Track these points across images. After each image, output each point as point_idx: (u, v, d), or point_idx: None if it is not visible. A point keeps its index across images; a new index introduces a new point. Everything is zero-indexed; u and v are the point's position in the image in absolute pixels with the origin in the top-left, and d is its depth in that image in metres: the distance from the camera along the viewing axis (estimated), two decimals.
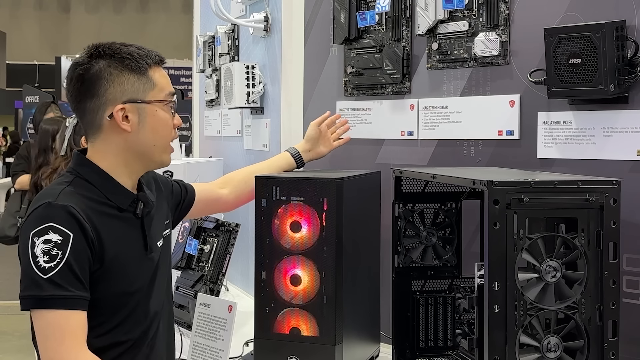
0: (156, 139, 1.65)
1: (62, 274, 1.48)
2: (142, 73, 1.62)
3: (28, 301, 1.50)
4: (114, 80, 1.59)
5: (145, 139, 1.64)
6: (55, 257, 1.47)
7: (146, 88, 1.62)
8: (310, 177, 2.20)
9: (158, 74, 1.66)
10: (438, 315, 2.25)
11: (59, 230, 1.49)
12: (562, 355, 1.68)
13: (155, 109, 1.63)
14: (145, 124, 1.63)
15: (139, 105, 1.61)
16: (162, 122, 1.65)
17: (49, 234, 1.49)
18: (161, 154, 1.68)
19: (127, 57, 1.61)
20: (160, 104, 1.64)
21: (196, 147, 4.56)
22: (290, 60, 3.01)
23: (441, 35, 2.49)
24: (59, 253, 1.48)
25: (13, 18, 19.69)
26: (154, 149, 1.66)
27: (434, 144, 2.55)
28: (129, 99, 1.60)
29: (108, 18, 19.59)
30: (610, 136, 2.09)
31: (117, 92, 1.59)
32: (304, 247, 2.14)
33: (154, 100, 1.63)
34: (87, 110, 1.62)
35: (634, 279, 2.04)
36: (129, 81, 1.60)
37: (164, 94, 1.65)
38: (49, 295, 1.47)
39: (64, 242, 1.48)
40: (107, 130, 1.62)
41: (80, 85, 1.61)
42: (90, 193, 1.59)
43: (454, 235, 2.27)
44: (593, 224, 1.69)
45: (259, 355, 2.20)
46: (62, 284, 1.47)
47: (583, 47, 2.02)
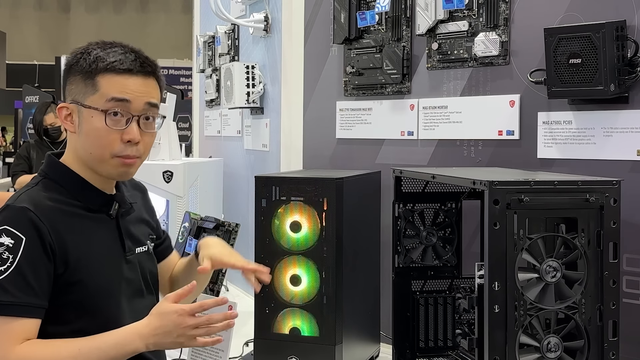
0: (92, 147, 1.55)
1: (10, 278, 1.42)
2: (88, 76, 1.54)
3: None
4: (68, 77, 1.57)
5: (83, 144, 1.56)
6: (5, 261, 1.42)
7: (87, 91, 1.54)
8: (310, 177, 2.20)
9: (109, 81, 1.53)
10: (438, 315, 2.25)
11: (11, 233, 1.44)
12: (562, 355, 1.68)
13: (91, 115, 1.53)
14: (82, 128, 1.55)
15: (78, 108, 1.55)
16: (95, 131, 1.53)
17: (2, 237, 1.44)
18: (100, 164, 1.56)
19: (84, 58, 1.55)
20: (95, 111, 1.52)
21: (196, 147, 4.56)
22: (290, 60, 3.01)
23: (441, 35, 2.49)
24: (10, 257, 1.43)
25: (13, 18, 19.68)
26: (91, 157, 1.55)
27: (434, 144, 2.55)
28: (72, 99, 1.56)
29: (108, 18, 19.57)
30: (610, 136, 2.09)
31: (67, 91, 1.58)
32: (304, 247, 2.14)
33: (90, 106, 1.53)
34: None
35: (634, 279, 2.04)
36: (75, 81, 1.56)
37: (102, 101, 1.52)
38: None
39: (15, 246, 1.43)
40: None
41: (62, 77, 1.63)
42: (57, 194, 1.54)
43: (454, 235, 2.27)
44: (593, 224, 1.69)
45: (259, 355, 2.20)
46: (10, 290, 1.42)
47: (583, 47, 2.02)
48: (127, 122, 1.54)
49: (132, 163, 1.57)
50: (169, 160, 3.25)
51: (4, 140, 17.54)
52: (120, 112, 1.53)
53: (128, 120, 1.54)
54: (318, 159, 2.92)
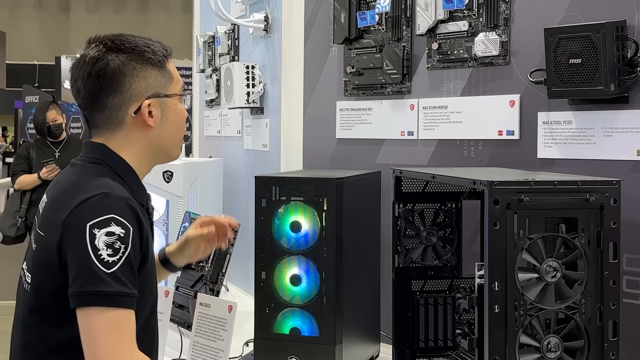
0: (175, 133, 1.63)
1: (124, 269, 1.39)
2: (162, 66, 1.59)
3: (89, 297, 1.37)
4: (137, 74, 1.54)
5: (167, 133, 1.60)
6: (118, 251, 1.38)
7: (167, 81, 1.59)
8: (310, 177, 2.20)
9: (172, 67, 1.63)
10: (438, 316, 2.25)
11: (121, 223, 1.40)
12: (562, 356, 1.68)
13: (175, 103, 1.61)
14: (167, 118, 1.59)
15: (161, 100, 1.58)
16: (181, 115, 1.63)
17: (111, 225, 1.39)
18: (177, 147, 1.66)
19: (147, 50, 1.56)
20: (178, 98, 1.62)
21: (196, 147, 4.56)
22: (290, 60, 3.01)
23: (441, 35, 2.49)
24: (122, 247, 1.39)
25: (13, 18, 19.68)
26: (173, 144, 1.63)
27: (434, 144, 2.55)
28: (152, 93, 1.56)
29: (108, 18, 19.58)
30: (610, 136, 2.09)
31: (142, 87, 1.55)
32: (304, 247, 2.14)
33: (174, 94, 1.61)
34: (107, 107, 1.54)
35: (634, 279, 2.04)
36: (152, 75, 1.56)
37: (179, 87, 1.63)
38: (114, 292, 1.37)
39: (126, 236, 1.40)
40: (129, 126, 1.56)
41: (100, 82, 1.53)
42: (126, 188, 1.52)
43: (454, 235, 2.27)
44: (593, 224, 1.69)
45: (259, 355, 2.20)
46: (125, 281, 1.39)
47: (583, 47, 2.02)
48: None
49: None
50: None
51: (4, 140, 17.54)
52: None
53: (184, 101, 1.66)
54: (318, 159, 2.92)
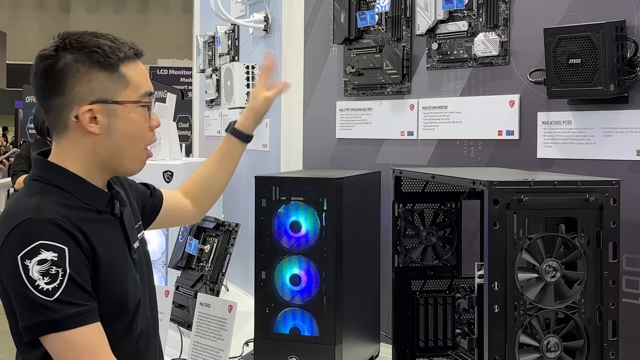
0: (127, 144, 1.48)
1: (68, 291, 1.34)
2: (113, 69, 1.44)
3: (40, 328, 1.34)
4: (81, 77, 1.43)
5: (115, 143, 1.47)
6: (56, 276, 1.33)
7: (118, 87, 1.45)
8: (310, 177, 2.20)
9: (133, 71, 1.47)
10: (438, 315, 2.25)
11: (51, 246, 1.34)
12: (562, 355, 1.68)
13: (128, 111, 1.46)
14: (116, 127, 1.45)
15: (109, 106, 1.44)
16: (135, 126, 1.47)
17: (41, 253, 1.33)
18: (131, 161, 1.51)
19: (96, 52, 1.43)
20: (134, 105, 1.46)
21: (196, 147, 4.56)
22: (290, 60, 3.01)
23: (441, 35, 2.49)
24: (59, 270, 1.34)
25: (13, 18, 19.68)
26: (122, 155, 1.49)
27: (434, 144, 2.55)
28: (97, 98, 1.43)
29: (108, 18, 19.57)
30: (610, 136, 2.09)
31: (85, 91, 1.43)
32: (304, 247, 2.15)
33: (127, 101, 1.46)
34: (53, 108, 1.46)
35: (633, 279, 2.04)
36: (97, 79, 1.43)
37: (138, 94, 1.47)
38: (64, 316, 1.33)
39: (60, 258, 1.34)
40: (73, 130, 1.46)
41: (45, 81, 1.44)
42: (66, 200, 1.44)
43: (454, 235, 2.27)
44: (593, 224, 1.69)
45: (259, 355, 2.20)
46: (73, 301, 1.34)
47: (583, 47, 2.02)
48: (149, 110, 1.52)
49: (151, 155, 1.57)
50: (169, 160, 3.25)
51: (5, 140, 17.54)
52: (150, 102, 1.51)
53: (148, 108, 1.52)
54: (318, 159, 2.92)
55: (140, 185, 1.80)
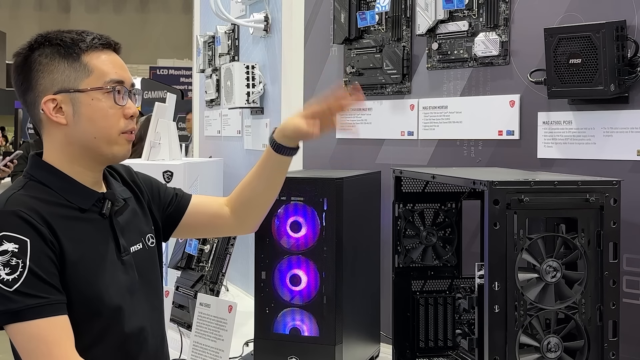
0: (96, 131, 1.49)
1: (29, 282, 1.36)
2: (73, 59, 1.47)
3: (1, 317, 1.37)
4: (43, 69, 1.46)
5: (84, 131, 1.48)
6: (17, 267, 1.36)
7: (79, 75, 1.47)
8: (310, 177, 2.20)
9: (97, 60, 1.49)
10: (438, 315, 2.25)
11: (13, 238, 1.37)
12: (562, 356, 1.68)
13: (91, 98, 1.47)
14: (81, 115, 1.47)
15: (71, 95, 1.46)
16: (101, 112, 1.48)
17: (3, 244, 1.36)
18: (108, 146, 1.51)
19: (58, 44, 1.47)
20: (98, 92, 1.47)
21: (196, 147, 4.56)
22: (290, 60, 3.01)
23: (441, 35, 2.49)
24: (19, 262, 1.36)
25: (13, 18, 19.69)
26: (96, 142, 1.49)
27: (434, 144, 2.55)
28: (60, 88, 1.46)
29: (108, 18, 19.57)
30: (610, 136, 2.09)
31: (47, 82, 1.46)
32: (304, 247, 2.15)
33: (89, 89, 1.47)
34: (28, 104, 1.50)
35: (634, 279, 2.04)
36: (58, 69, 1.46)
37: (103, 81, 1.48)
38: (21, 307, 1.36)
39: (22, 250, 1.36)
40: (46, 124, 1.49)
41: (17, 79, 1.50)
42: (46, 195, 1.46)
43: (454, 235, 2.27)
44: (593, 224, 1.69)
45: (259, 355, 2.20)
46: (32, 293, 1.36)
47: (583, 47, 2.02)
48: (123, 99, 1.52)
49: (132, 138, 1.55)
50: (169, 160, 3.25)
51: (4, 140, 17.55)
52: (119, 90, 1.51)
53: (124, 96, 1.52)
54: (318, 159, 2.92)
55: (165, 188, 1.79)
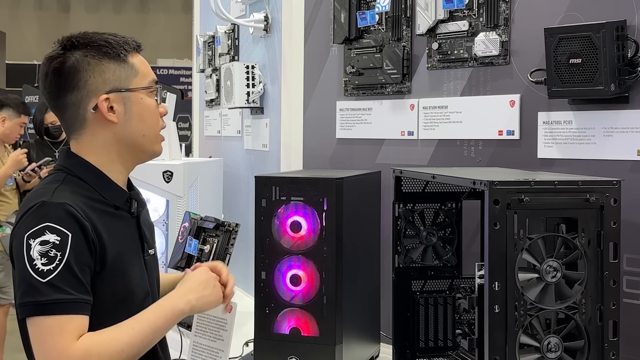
0: (145, 128, 1.56)
1: (62, 276, 1.37)
2: (122, 60, 1.53)
3: (26, 308, 1.38)
4: (93, 70, 1.50)
5: (134, 129, 1.55)
6: (54, 259, 1.37)
7: (129, 75, 1.53)
8: (310, 177, 2.20)
9: (138, 61, 1.57)
10: (438, 316, 2.25)
11: (56, 230, 1.39)
12: (563, 356, 1.68)
13: (141, 97, 1.55)
14: (132, 113, 1.54)
15: (123, 94, 1.52)
16: (149, 110, 1.56)
17: (45, 234, 1.38)
18: (152, 143, 1.59)
19: (104, 45, 1.51)
20: (144, 91, 1.56)
21: (196, 147, 4.56)
22: (290, 60, 3.01)
23: (441, 35, 2.49)
24: (58, 254, 1.37)
25: (13, 18, 19.67)
26: (144, 139, 1.57)
27: (434, 144, 2.55)
28: (112, 88, 1.51)
29: (108, 18, 19.55)
30: (611, 136, 2.08)
31: (99, 82, 1.51)
32: (304, 247, 2.14)
33: (138, 88, 1.54)
34: (68, 105, 1.52)
35: (634, 279, 2.04)
36: (109, 69, 1.51)
37: (147, 81, 1.56)
38: (49, 300, 1.36)
39: (62, 243, 1.38)
40: (92, 123, 1.53)
41: (58, 80, 1.51)
42: (85, 191, 1.50)
43: (454, 235, 2.27)
44: (593, 224, 1.69)
45: (259, 355, 2.20)
46: (63, 287, 1.37)
47: (583, 47, 2.01)
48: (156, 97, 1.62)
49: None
50: (169, 160, 3.25)
51: None
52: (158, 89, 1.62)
53: (156, 95, 1.62)
54: (318, 159, 2.92)
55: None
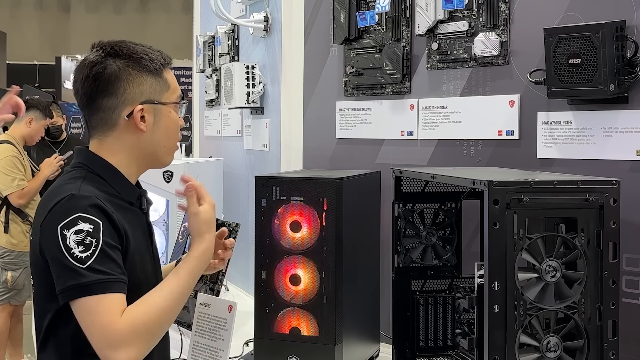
0: (167, 140, 1.68)
1: (100, 260, 1.47)
2: (158, 74, 1.65)
3: (71, 292, 1.47)
4: (132, 80, 1.61)
5: (158, 139, 1.66)
6: (90, 246, 1.47)
7: (162, 89, 1.65)
8: (310, 177, 2.20)
9: (170, 76, 1.69)
10: (438, 315, 2.25)
11: (88, 219, 1.49)
12: (562, 355, 1.68)
13: (169, 110, 1.66)
14: (160, 124, 1.65)
15: (155, 106, 1.64)
16: (174, 124, 1.68)
17: (78, 224, 1.48)
18: (168, 154, 1.71)
19: (144, 58, 1.63)
20: (173, 106, 1.68)
21: (196, 147, 4.57)
22: (290, 60, 3.01)
23: (441, 35, 2.49)
24: (93, 241, 1.48)
25: (13, 18, 19.66)
26: (164, 150, 1.68)
27: (434, 144, 2.55)
28: (146, 99, 1.63)
29: (108, 18, 19.55)
30: (610, 136, 2.09)
31: (136, 93, 1.62)
32: (304, 247, 2.15)
33: (169, 102, 1.66)
34: (102, 108, 1.63)
35: (633, 278, 2.04)
36: (147, 82, 1.63)
37: (176, 96, 1.68)
38: (92, 281, 1.46)
39: (95, 230, 1.48)
40: (122, 128, 1.64)
41: (97, 84, 1.61)
42: (103, 187, 1.60)
43: (454, 235, 2.27)
44: (593, 224, 1.69)
45: (259, 355, 2.20)
46: (103, 269, 1.47)
47: (583, 47, 2.02)
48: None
49: None
50: None
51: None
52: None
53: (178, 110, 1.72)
54: (318, 159, 2.93)
55: None
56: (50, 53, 17.14)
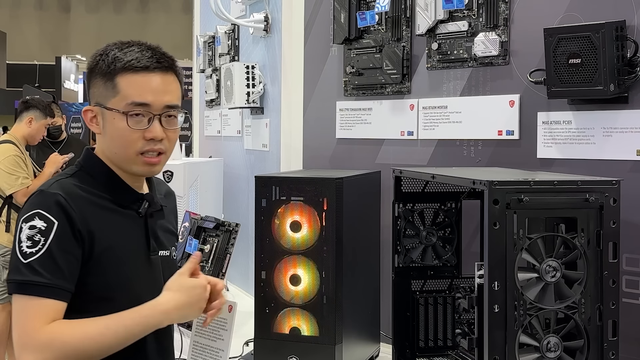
0: (114, 147, 1.59)
1: (42, 261, 1.47)
2: (108, 78, 1.57)
3: (10, 285, 1.50)
4: (91, 81, 1.61)
5: (108, 144, 1.61)
6: (37, 243, 1.47)
7: (108, 94, 1.57)
8: (310, 177, 2.20)
9: (128, 81, 1.56)
10: (438, 315, 2.25)
11: (44, 217, 1.49)
12: (562, 355, 1.68)
13: (113, 117, 1.57)
14: (106, 129, 1.59)
15: (102, 110, 1.58)
16: (118, 132, 1.57)
17: (34, 220, 1.49)
18: (128, 163, 1.60)
19: (103, 60, 1.58)
20: (116, 113, 1.56)
21: (196, 147, 4.57)
22: (290, 60, 3.01)
23: (441, 35, 2.49)
24: (42, 239, 1.48)
25: (13, 18, 19.68)
26: (117, 157, 1.60)
27: (434, 144, 2.55)
28: (96, 102, 1.60)
29: (108, 18, 19.57)
30: (610, 136, 2.09)
31: (92, 93, 1.62)
32: (304, 247, 2.15)
33: (112, 108, 1.57)
34: None
35: (633, 278, 2.04)
36: (97, 84, 1.60)
37: (124, 104, 1.55)
38: (26, 281, 1.47)
39: (47, 229, 1.48)
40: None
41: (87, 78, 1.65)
42: (90, 187, 1.58)
43: (454, 235, 2.27)
44: (593, 224, 1.69)
45: (259, 355, 2.20)
46: (41, 271, 1.46)
47: (583, 47, 2.02)
48: (149, 122, 1.57)
49: (157, 162, 1.62)
50: (169, 160, 3.24)
51: None
52: (142, 113, 1.56)
53: (150, 120, 1.57)
54: (318, 159, 2.93)
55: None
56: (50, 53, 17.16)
